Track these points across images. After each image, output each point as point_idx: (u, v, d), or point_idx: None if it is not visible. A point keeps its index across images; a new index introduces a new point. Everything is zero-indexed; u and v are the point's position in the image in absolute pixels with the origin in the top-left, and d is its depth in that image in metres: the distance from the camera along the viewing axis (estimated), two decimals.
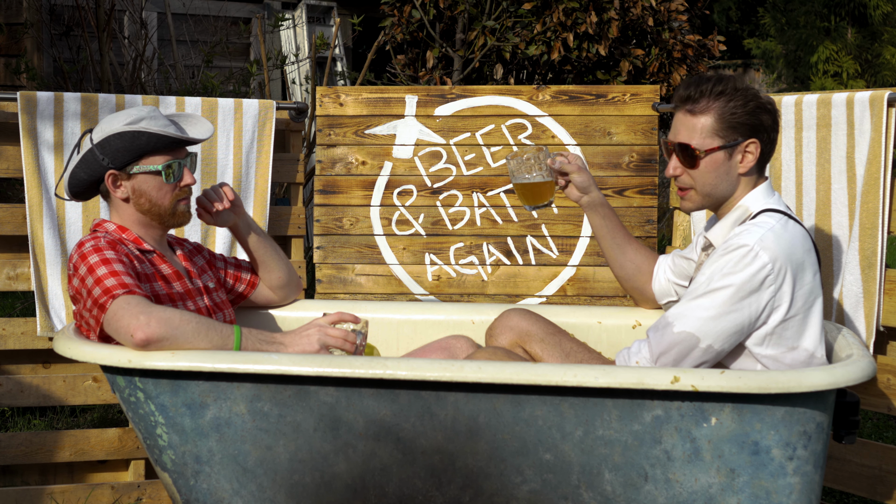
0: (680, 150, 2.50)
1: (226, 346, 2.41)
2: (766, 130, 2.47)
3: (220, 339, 2.41)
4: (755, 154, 2.47)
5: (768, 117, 2.47)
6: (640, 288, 2.88)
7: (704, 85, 2.46)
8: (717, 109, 2.45)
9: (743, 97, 2.44)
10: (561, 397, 2.25)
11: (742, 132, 2.45)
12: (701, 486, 2.25)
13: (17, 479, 3.37)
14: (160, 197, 2.62)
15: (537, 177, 2.70)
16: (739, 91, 2.45)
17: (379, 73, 6.49)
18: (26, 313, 4.94)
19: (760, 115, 2.45)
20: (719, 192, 2.51)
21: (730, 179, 2.49)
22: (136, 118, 2.58)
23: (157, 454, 2.44)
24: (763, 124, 2.46)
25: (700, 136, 2.46)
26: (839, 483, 3.08)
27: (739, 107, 2.44)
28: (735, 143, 2.46)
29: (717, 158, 2.47)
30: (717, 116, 2.45)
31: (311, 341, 2.50)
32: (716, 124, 2.45)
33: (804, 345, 2.41)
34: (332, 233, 3.54)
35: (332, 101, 3.57)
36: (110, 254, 2.48)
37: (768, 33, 11.87)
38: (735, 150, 2.47)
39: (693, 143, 2.47)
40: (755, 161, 2.47)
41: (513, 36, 5.22)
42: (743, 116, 2.44)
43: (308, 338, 2.51)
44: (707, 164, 2.47)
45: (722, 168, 2.47)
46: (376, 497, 2.36)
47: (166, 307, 2.40)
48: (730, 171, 2.48)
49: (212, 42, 6.56)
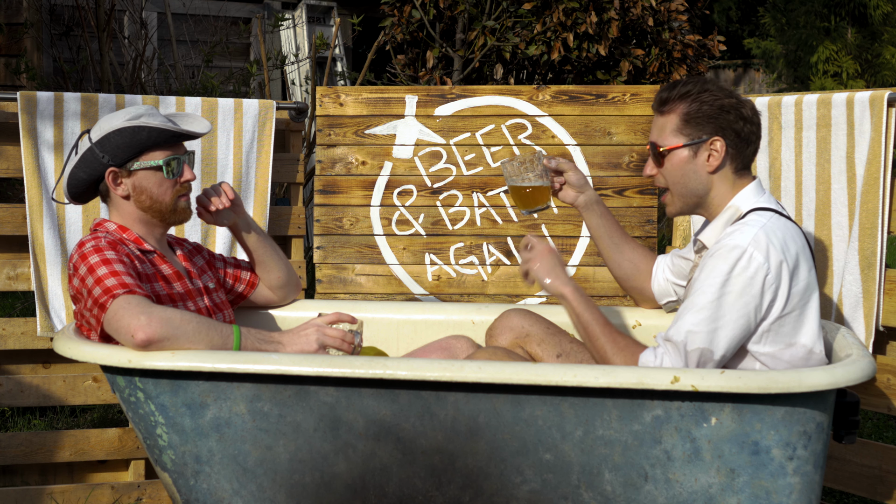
0: (651, 149, 2.56)
1: (226, 345, 2.42)
2: (731, 129, 2.48)
3: (221, 338, 2.42)
4: (721, 152, 2.49)
5: (734, 116, 2.48)
6: (640, 287, 2.88)
7: (676, 88, 2.52)
8: (682, 108, 2.50)
9: (709, 96, 2.49)
10: (561, 397, 2.25)
11: (706, 130, 2.48)
12: (701, 486, 2.25)
13: (17, 479, 3.37)
14: (161, 193, 2.63)
15: (533, 180, 2.70)
16: (706, 91, 2.49)
17: (379, 73, 6.50)
18: (26, 313, 4.94)
19: (724, 113, 2.48)
20: (690, 192, 2.54)
21: (698, 178, 2.52)
22: (134, 115, 2.58)
23: (157, 454, 2.44)
24: (729, 123, 2.48)
25: (665, 134, 2.52)
26: (839, 483, 3.08)
27: (705, 105, 2.48)
28: (699, 140, 2.49)
29: (682, 156, 2.51)
30: (680, 115, 2.50)
31: (309, 341, 2.51)
32: (679, 122, 2.50)
33: (802, 341, 2.42)
34: (332, 233, 3.54)
35: (332, 101, 3.57)
36: (111, 254, 2.48)
37: (768, 33, 11.87)
38: (700, 148, 2.50)
39: (659, 142, 2.53)
40: (721, 159, 2.49)
41: (513, 36, 5.22)
42: (706, 115, 2.48)
43: (306, 337, 2.52)
44: (672, 161, 2.52)
45: (688, 166, 2.51)
46: (376, 497, 2.36)
47: (167, 307, 2.40)
48: (697, 170, 2.51)
49: (212, 42, 6.56)
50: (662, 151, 2.52)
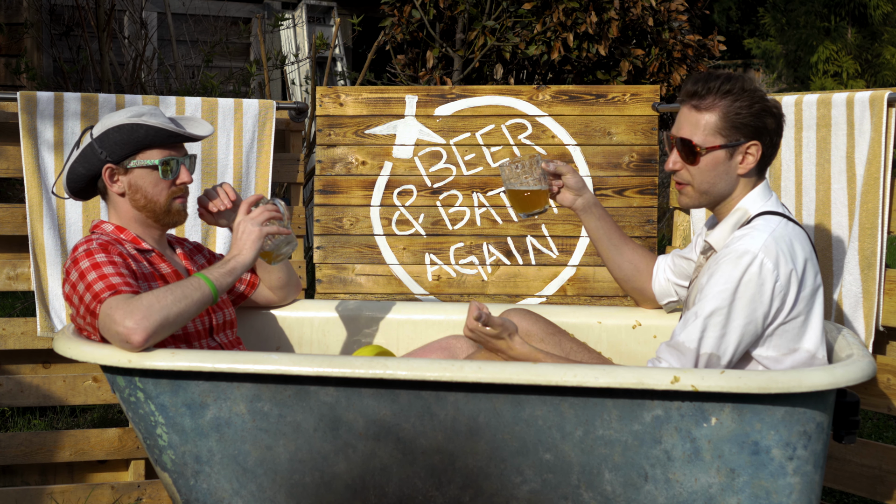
0: (682, 144, 2.48)
1: (204, 294, 2.44)
2: (769, 134, 2.45)
3: (198, 292, 2.44)
4: (756, 156, 2.46)
5: (773, 121, 2.45)
6: (640, 288, 2.87)
7: (713, 82, 2.44)
8: (723, 108, 2.43)
9: (749, 98, 2.43)
10: (561, 397, 2.25)
11: (745, 133, 2.44)
12: (701, 486, 2.25)
13: (17, 479, 3.37)
14: (156, 193, 2.62)
15: (532, 184, 2.69)
16: (747, 92, 2.43)
17: (379, 73, 6.49)
18: (26, 313, 4.95)
19: (765, 117, 2.44)
20: (716, 191, 2.50)
21: (728, 179, 2.48)
22: (136, 113, 2.58)
23: (157, 454, 2.44)
24: (767, 127, 2.45)
25: (703, 132, 2.45)
26: (839, 483, 3.08)
27: (745, 107, 2.43)
28: (737, 143, 2.45)
29: (718, 157, 2.46)
30: (721, 115, 2.43)
31: (250, 235, 2.54)
32: (720, 122, 2.44)
33: (805, 346, 2.41)
34: (332, 233, 3.54)
35: (332, 101, 3.57)
36: (101, 257, 2.47)
37: (768, 33, 11.87)
38: (736, 151, 2.46)
39: (695, 139, 2.46)
40: (755, 163, 2.47)
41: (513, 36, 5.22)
42: (747, 118, 2.43)
43: (247, 234, 2.55)
44: (707, 161, 2.46)
45: (721, 167, 2.47)
46: (376, 497, 2.36)
47: (141, 296, 2.39)
48: (729, 171, 2.47)
49: (212, 42, 6.56)
50: (700, 150, 2.45)
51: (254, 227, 2.55)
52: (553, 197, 2.79)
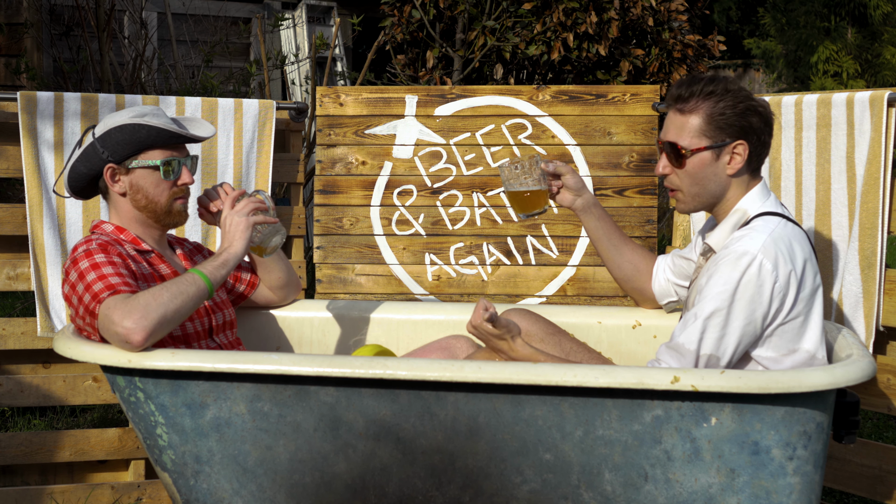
0: (669, 148, 2.49)
1: (200, 289, 2.45)
2: (755, 133, 2.45)
3: (193, 287, 2.44)
4: (743, 156, 2.45)
5: (758, 120, 2.45)
6: (640, 288, 2.87)
7: (696, 85, 2.45)
8: (706, 109, 2.44)
9: (733, 98, 2.43)
10: (561, 397, 2.25)
11: (730, 133, 2.44)
12: (701, 486, 2.25)
13: (17, 479, 3.37)
14: (157, 194, 2.62)
15: (531, 185, 2.68)
16: (730, 92, 2.44)
17: (379, 73, 6.50)
18: (26, 313, 4.95)
19: (750, 116, 2.44)
20: (708, 193, 2.50)
21: (717, 181, 2.48)
22: (139, 113, 2.59)
23: (157, 454, 2.44)
24: (752, 126, 2.44)
25: (688, 135, 2.46)
26: (839, 483, 3.08)
27: (729, 108, 2.43)
28: (723, 143, 2.44)
29: (704, 158, 2.46)
30: (705, 116, 2.44)
31: (239, 227, 2.56)
32: (704, 124, 2.44)
33: (805, 346, 2.41)
34: (332, 233, 3.54)
35: (332, 101, 3.57)
36: (100, 257, 2.47)
37: (768, 33, 11.87)
38: (722, 151, 2.45)
39: (680, 142, 2.46)
40: (743, 163, 2.46)
41: (513, 36, 5.22)
42: (732, 118, 2.43)
43: (236, 226, 2.56)
44: (693, 163, 2.46)
45: (709, 169, 2.46)
46: (376, 497, 2.36)
47: (137, 295, 2.39)
48: (717, 173, 2.47)
49: (212, 42, 6.56)
50: (685, 153, 2.46)
51: (240, 219, 2.56)
52: (553, 197, 2.78)
